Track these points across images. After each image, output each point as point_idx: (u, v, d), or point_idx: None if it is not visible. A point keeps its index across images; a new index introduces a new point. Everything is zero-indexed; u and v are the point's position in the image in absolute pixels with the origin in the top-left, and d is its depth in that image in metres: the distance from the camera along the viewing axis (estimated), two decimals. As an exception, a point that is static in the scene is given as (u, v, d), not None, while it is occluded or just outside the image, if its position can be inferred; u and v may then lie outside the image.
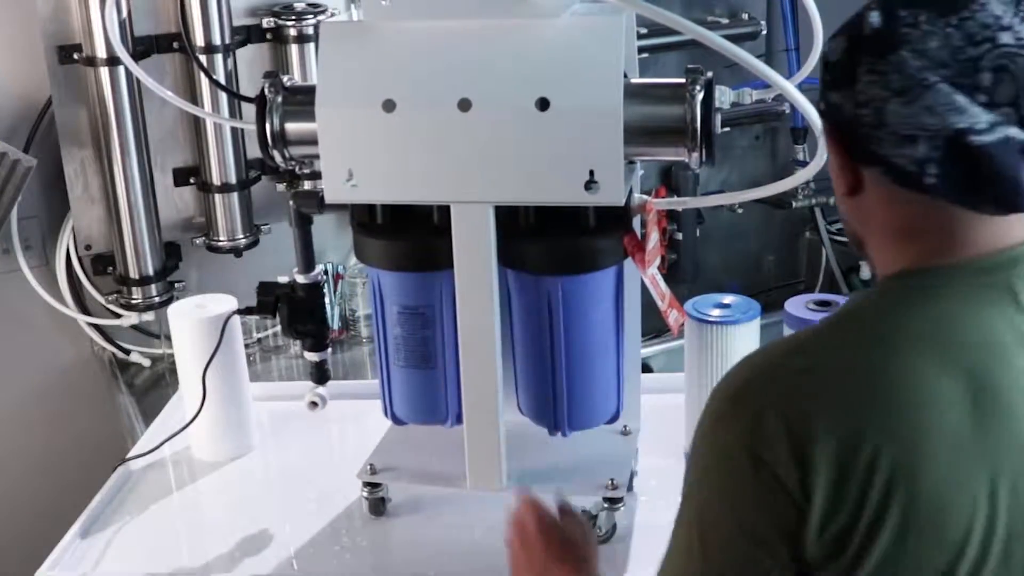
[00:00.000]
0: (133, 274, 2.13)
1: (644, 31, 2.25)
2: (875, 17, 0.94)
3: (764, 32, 2.67)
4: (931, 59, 0.91)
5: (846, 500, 0.89)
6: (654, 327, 1.91)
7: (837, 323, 0.99)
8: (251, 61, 2.14)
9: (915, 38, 0.92)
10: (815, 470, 0.89)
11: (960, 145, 0.90)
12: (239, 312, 1.70)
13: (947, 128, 0.90)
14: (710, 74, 1.32)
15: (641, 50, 1.66)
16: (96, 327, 2.23)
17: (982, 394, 0.90)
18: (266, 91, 1.41)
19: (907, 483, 0.89)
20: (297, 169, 1.51)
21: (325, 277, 2.06)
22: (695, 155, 1.32)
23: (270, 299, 1.57)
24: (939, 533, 0.89)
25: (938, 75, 0.91)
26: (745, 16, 2.67)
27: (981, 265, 0.95)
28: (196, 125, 2.14)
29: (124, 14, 1.97)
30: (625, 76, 1.32)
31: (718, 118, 1.33)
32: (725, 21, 2.65)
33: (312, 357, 1.61)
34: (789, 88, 1.29)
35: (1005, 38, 0.90)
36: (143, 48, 2.04)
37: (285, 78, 1.43)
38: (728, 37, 1.28)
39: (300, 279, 1.55)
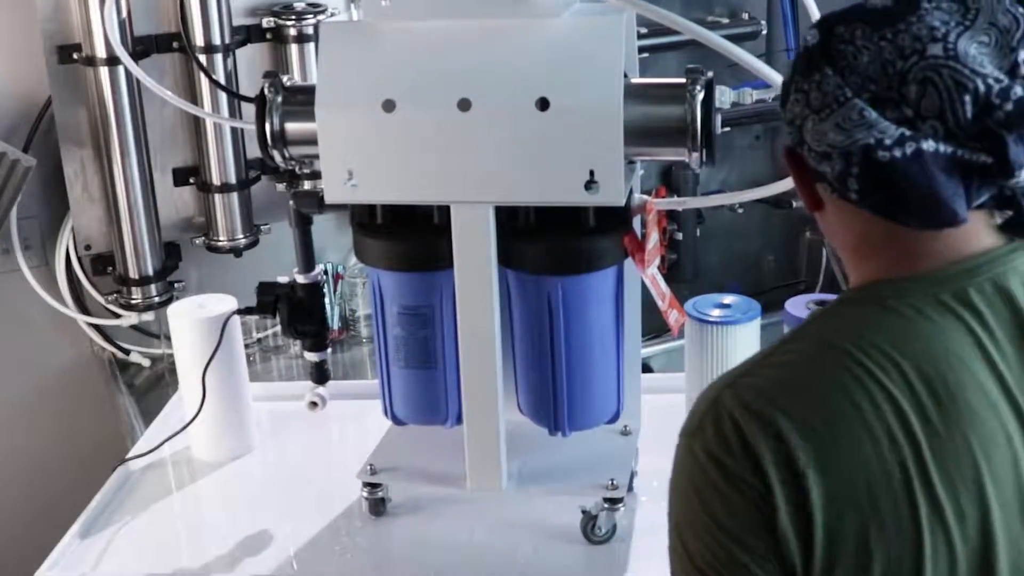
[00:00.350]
0: (133, 274, 2.13)
1: (644, 31, 2.25)
2: (811, 35, 0.95)
3: (764, 32, 2.66)
4: (860, 75, 0.91)
5: (792, 502, 0.89)
6: (654, 327, 1.91)
7: (795, 333, 1.01)
8: (251, 61, 2.13)
9: (848, 54, 0.92)
10: (767, 471, 0.90)
11: (870, 160, 0.89)
12: (239, 312, 1.70)
13: (854, 144, 0.90)
14: (710, 74, 1.32)
15: (641, 50, 1.65)
16: (96, 327, 2.23)
17: (935, 401, 0.89)
18: (266, 91, 1.41)
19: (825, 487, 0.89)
20: (297, 169, 1.51)
21: (325, 277, 2.06)
22: (695, 155, 1.32)
23: (270, 299, 1.57)
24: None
25: (865, 91, 0.91)
26: (745, 16, 2.66)
27: (935, 278, 0.94)
28: (196, 125, 2.14)
29: (124, 14, 1.97)
30: (625, 76, 1.32)
31: (718, 118, 1.33)
32: (725, 21, 2.65)
33: (312, 357, 1.61)
34: (789, 88, 1.29)
35: (934, 50, 0.89)
36: (143, 48, 2.04)
37: (285, 78, 1.43)
38: (728, 37, 1.28)
39: (300, 279, 1.55)
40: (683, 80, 1.31)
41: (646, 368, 1.91)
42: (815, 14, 1.53)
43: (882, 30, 0.91)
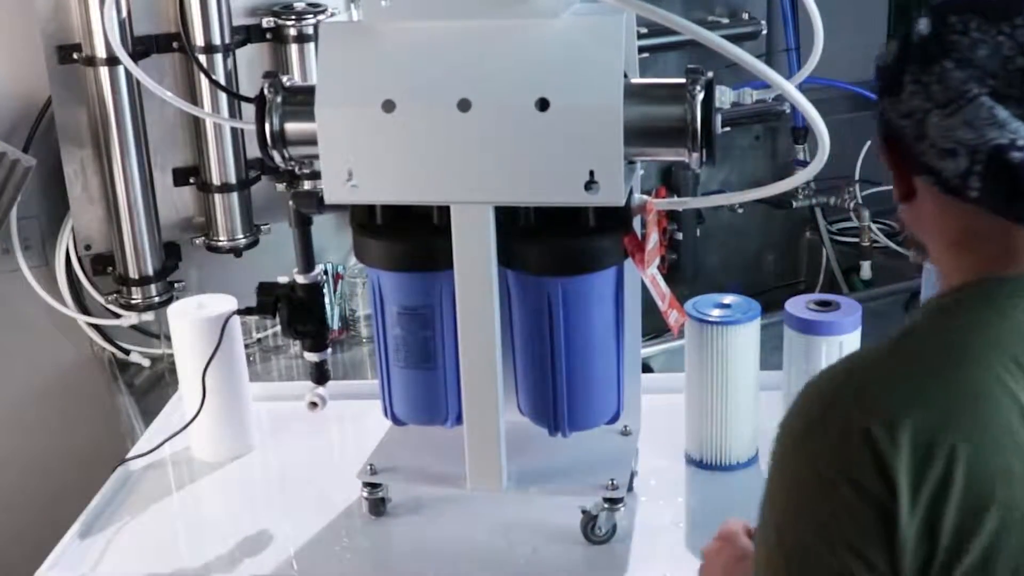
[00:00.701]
0: (133, 274, 2.13)
1: (644, 31, 2.25)
2: (924, 24, 0.93)
3: (764, 32, 2.67)
4: (978, 68, 0.89)
5: (926, 504, 0.86)
6: (654, 327, 1.91)
7: (912, 335, 0.96)
8: (251, 61, 2.13)
9: (964, 46, 0.90)
10: (898, 484, 0.86)
11: (1001, 160, 0.88)
12: (239, 312, 1.70)
13: (986, 143, 0.88)
14: (710, 74, 1.32)
15: (641, 50, 1.66)
16: (96, 327, 2.23)
17: None
18: (265, 91, 1.41)
19: (993, 488, 0.86)
20: (297, 169, 1.51)
21: (325, 277, 2.06)
22: (695, 155, 1.31)
23: (270, 299, 1.57)
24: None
25: (985, 86, 0.89)
26: (745, 16, 2.67)
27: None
28: (196, 125, 2.14)
29: (124, 14, 1.97)
30: (625, 76, 1.32)
31: (718, 118, 1.33)
32: (725, 21, 2.65)
33: (312, 357, 1.61)
34: (789, 88, 1.29)
35: None
36: (143, 48, 2.04)
37: (285, 78, 1.43)
38: (728, 37, 1.28)
39: (300, 279, 1.55)
40: (683, 80, 1.31)
41: (646, 368, 1.91)
42: (815, 14, 1.53)
43: (999, 23, 0.90)
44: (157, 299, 2.16)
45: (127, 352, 2.24)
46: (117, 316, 2.20)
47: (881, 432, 0.87)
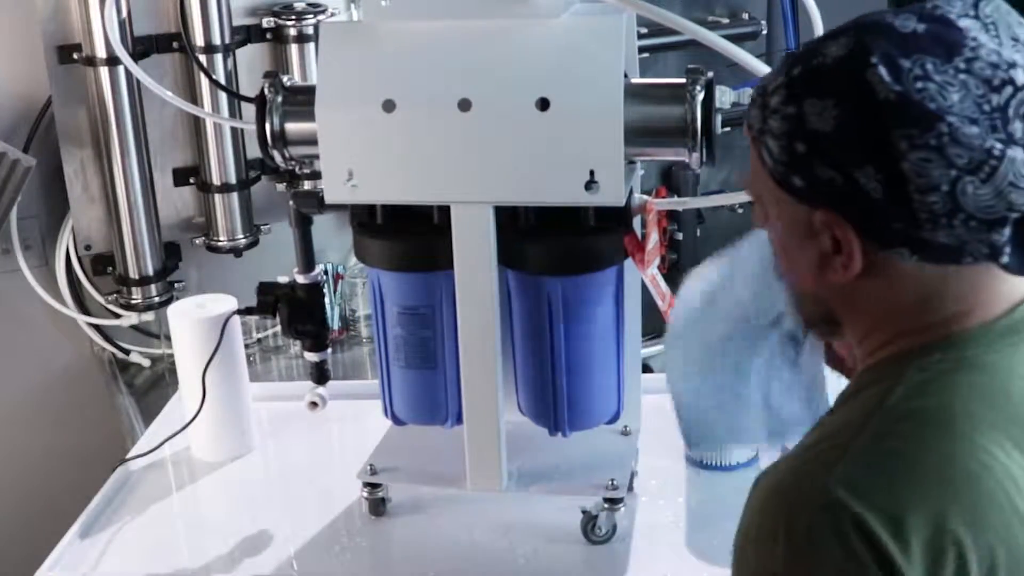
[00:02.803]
0: (133, 274, 2.13)
1: (644, 31, 2.25)
2: (885, 74, 0.80)
3: (764, 32, 2.66)
4: (958, 116, 0.79)
5: None
6: (654, 327, 1.91)
7: (884, 411, 0.87)
8: (251, 61, 2.13)
9: (936, 94, 0.79)
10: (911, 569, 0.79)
11: None
12: (239, 312, 1.70)
13: None
14: (710, 74, 1.32)
15: (641, 50, 1.65)
16: (96, 327, 2.23)
17: None
18: (266, 91, 1.41)
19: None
20: (297, 169, 1.51)
21: (325, 277, 2.06)
22: (695, 155, 1.32)
23: (270, 299, 1.57)
24: None
25: (995, 137, 0.78)
26: (745, 16, 2.66)
27: (1008, 324, 0.88)
28: (196, 125, 2.14)
29: (124, 14, 1.97)
30: (625, 76, 1.32)
31: (718, 118, 1.33)
32: (725, 21, 2.64)
33: (312, 357, 1.61)
34: (789, 88, 1.29)
35: (1022, 77, 0.81)
36: (143, 48, 2.04)
37: (285, 78, 1.43)
38: (728, 37, 1.28)
39: (300, 279, 1.55)
40: (683, 80, 1.31)
41: (646, 368, 1.91)
42: (815, 14, 1.53)
43: (951, 60, 0.80)
44: (157, 299, 2.16)
45: (127, 352, 2.24)
46: (117, 316, 2.20)
47: (885, 536, 0.79)
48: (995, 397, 0.86)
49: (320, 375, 1.62)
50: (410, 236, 1.45)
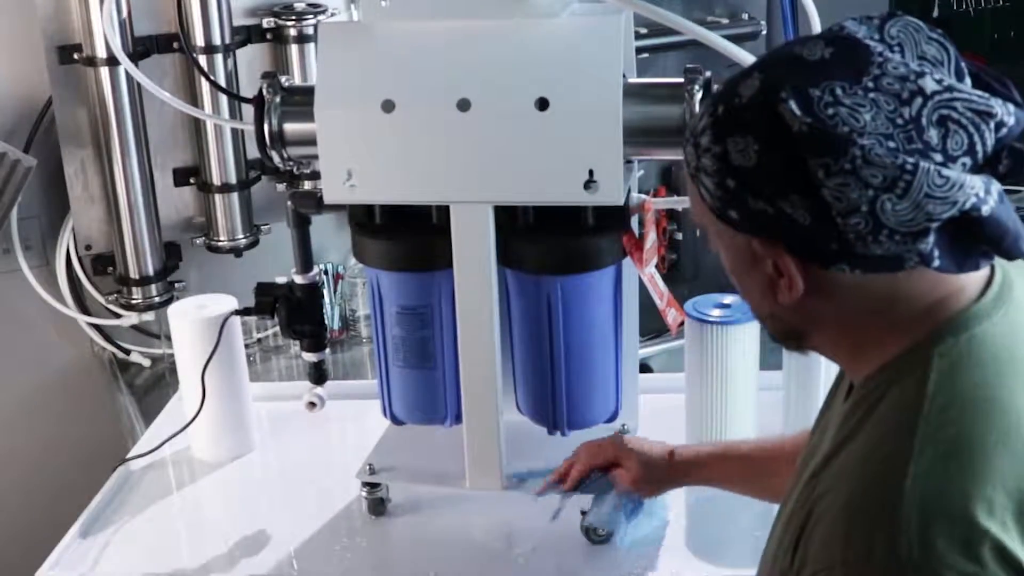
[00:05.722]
0: (133, 274, 2.13)
1: (644, 31, 2.25)
2: (795, 106, 0.83)
3: (764, 32, 2.66)
4: (874, 135, 0.81)
5: None
6: (654, 327, 1.91)
7: (936, 407, 0.87)
8: (251, 61, 2.13)
9: (847, 118, 0.82)
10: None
11: (971, 220, 0.83)
12: (238, 312, 1.70)
13: (957, 209, 0.82)
14: (709, 74, 1.32)
15: (641, 50, 1.66)
16: (96, 327, 2.23)
17: None
18: (264, 92, 1.41)
19: None
20: (296, 169, 1.51)
21: (324, 277, 2.06)
22: (694, 155, 1.31)
23: (268, 300, 1.57)
24: None
25: (909, 151, 0.81)
26: (745, 16, 2.66)
27: (993, 297, 0.90)
28: (196, 125, 2.14)
29: (124, 14, 1.97)
30: (624, 76, 1.32)
31: (717, 118, 1.33)
32: (725, 21, 2.64)
33: (310, 357, 1.61)
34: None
35: (930, 85, 0.83)
36: (143, 48, 2.04)
37: (283, 78, 1.43)
38: (728, 37, 1.29)
39: (298, 280, 1.56)
40: (682, 80, 1.31)
41: (646, 368, 1.91)
42: (815, 14, 1.53)
43: (860, 80, 0.83)
44: (157, 299, 2.16)
45: (127, 352, 2.24)
46: (117, 316, 2.20)
47: (1004, 535, 0.80)
48: (1017, 363, 0.88)
49: (318, 375, 1.62)
50: (409, 236, 1.45)
